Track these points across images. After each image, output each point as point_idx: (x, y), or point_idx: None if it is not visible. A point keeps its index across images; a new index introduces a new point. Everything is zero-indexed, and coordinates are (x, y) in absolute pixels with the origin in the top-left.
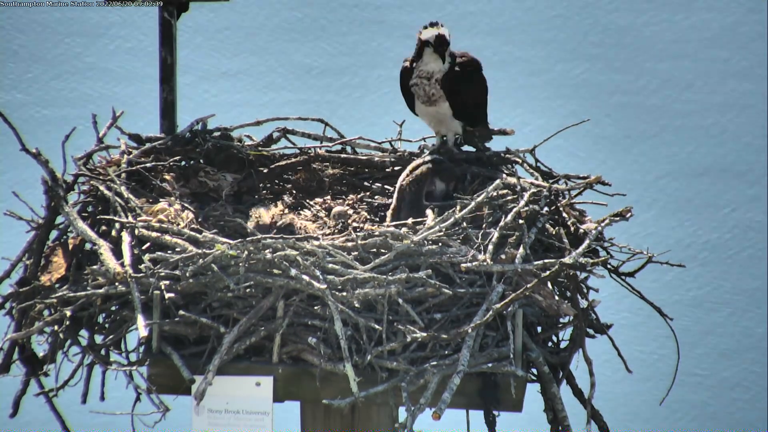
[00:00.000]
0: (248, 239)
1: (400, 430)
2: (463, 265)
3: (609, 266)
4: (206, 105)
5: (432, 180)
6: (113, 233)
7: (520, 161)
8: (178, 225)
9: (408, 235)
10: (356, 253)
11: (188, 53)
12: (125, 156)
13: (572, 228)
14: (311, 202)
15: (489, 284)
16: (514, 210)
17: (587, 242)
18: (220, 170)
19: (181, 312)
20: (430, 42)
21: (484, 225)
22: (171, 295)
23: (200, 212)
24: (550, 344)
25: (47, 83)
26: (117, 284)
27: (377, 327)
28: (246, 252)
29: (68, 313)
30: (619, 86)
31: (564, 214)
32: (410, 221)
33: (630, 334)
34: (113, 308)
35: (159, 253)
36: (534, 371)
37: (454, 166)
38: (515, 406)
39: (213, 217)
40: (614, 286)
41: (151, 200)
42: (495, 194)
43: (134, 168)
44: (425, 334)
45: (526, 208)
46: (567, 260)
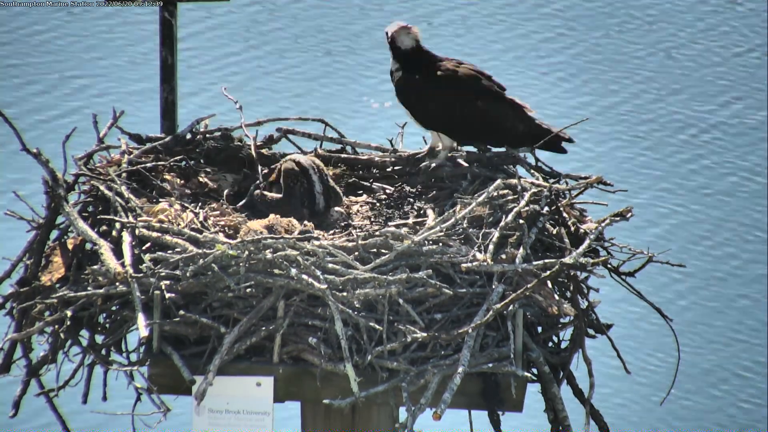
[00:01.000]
0: (248, 239)
1: (401, 430)
2: (464, 265)
3: (609, 266)
4: (206, 105)
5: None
6: (114, 233)
7: (521, 161)
8: (179, 225)
9: (408, 235)
10: (357, 253)
11: (189, 53)
12: (126, 156)
13: (572, 228)
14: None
15: (489, 284)
16: (515, 210)
17: (587, 242)
18: (220, 170)
19: (182, 312)
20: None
21: (485, 225)
22: (171, 295)
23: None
24: (551, 344)
25: (47, 83)
26: (117, 284)
27: (378, 327)
28: (246, 252)
29: (69, 313)
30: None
31: (564, 214)
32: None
33: (630, 334)
34: (114, 308)
35: (159, 253)
36: (534, 371)
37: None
38: (515, 406)
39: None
40: (614, 286)
41: (152, 200)
42: (495, 194)
43: (135, 168)
44: (425, 334)
45: (527, 208)
46: (567, 260)
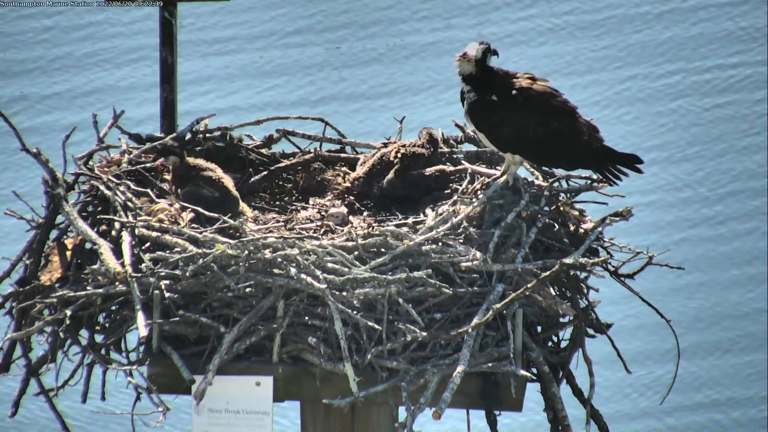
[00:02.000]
0: (248, 239)
1: (400, 430)
2: (464, 265)
3: (609, 267)
4: (206, 104)
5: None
6: (113, 233)
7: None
8: (178, 225)
9: (408, 235)
10: (356, 253)
11: (189, 52)
12: (126, 156)
13: (572, 228)
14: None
15: (489, 284)
16: (515, 210)
17: (587, 242)
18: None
19: (181, 312)
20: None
21: (485, 225)
22: (171, 295)
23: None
24: (550, 344)
25: (47, 83)
26: (117, 284)
27: (377, 327)
28: (246, 252)
29: (68, 313)
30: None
31: (564, 214)
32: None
33: (630, 334)
34: (113, 308)
35: (159, 253)
36: (534, 371)
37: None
38: (515, 406)
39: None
40: (614, 286)
41: (151, 200)
42: (495, 194)
43: (135, 168)
44: (425, 334)
45: (527, 208)
46: (567, 260)
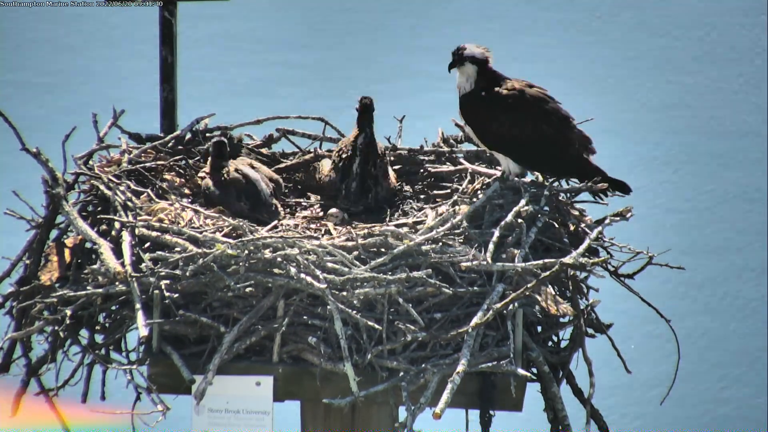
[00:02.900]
0: (248, 239)
1: (400, 430)
2: (464, 265)
3: (609, 267)
4: (206, 104)
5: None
6: (113, 233)
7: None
8: (178, 225)
9: (408, 235)
10: (356, 253)
11: (189, 52)
12: (126, 155)
13: (572, 228)
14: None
15: (489, 284)
16: (514, 210)
17: (587, 242)
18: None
19: (181, 311)
20: (476, 57)
21: (484, 225)
22: (171, 295)
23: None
24: (551, 344)
25: (47, 82)
26: (117, 284)
27: (377, 326)
28: (246, 251)
29: (68, 313)
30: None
31: (564, 214)
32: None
33: (630, 334)
34: (113, 308)
35: (159, 253)
36: (534, 371)
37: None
38: (515, 406)
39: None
40: (614, 286)
41: (152, 200)
42: (495, 194)
43: (135, 167)
44: (425, 334)
45: (526, 208)
46: (567, 260)
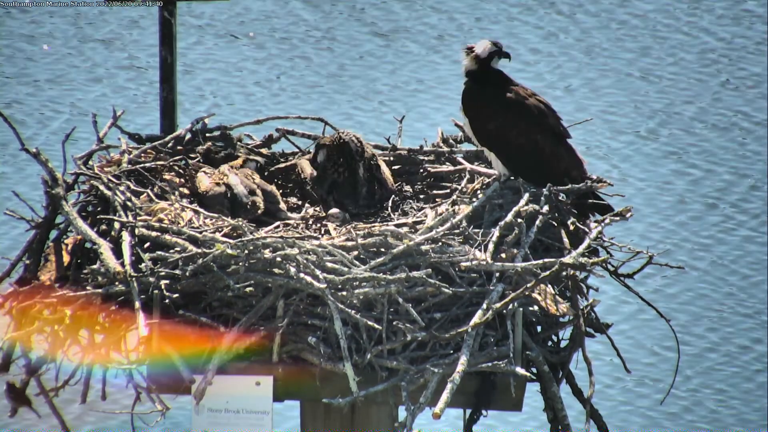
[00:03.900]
0: (248, 239)
1: (400, 430)
2: (463, 264)
3: (609, 267)
4: (206, 104)
5: None
6: (113, 233)
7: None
8: (178, 225)
9: (408, 235)
10: (356, 253)
11: (189, 52)
12: (125, 155)
13: (572, 227)
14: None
15: (489, 283)
16: (514, 209)
17: (587, 242)
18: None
19: (181, 311)
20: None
21: (484, 225)
22: (171, 295)
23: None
24: (550, 343)
25: (47, 82)
26: (117, 283)
27: (377, 326)
28: (246, 251)
29: (68, 312)
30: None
31: (564, 214)
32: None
33: (629, 334)
34: (113, 307)
35: (159, 253)
36: (534, 370)
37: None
38: (515, 406)
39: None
40: (614, 286)
41: (151, 200)
42: (495, 193)
43: (134, 167)
44: (425, 334)
45: (526, 208)
46: (567, 260)
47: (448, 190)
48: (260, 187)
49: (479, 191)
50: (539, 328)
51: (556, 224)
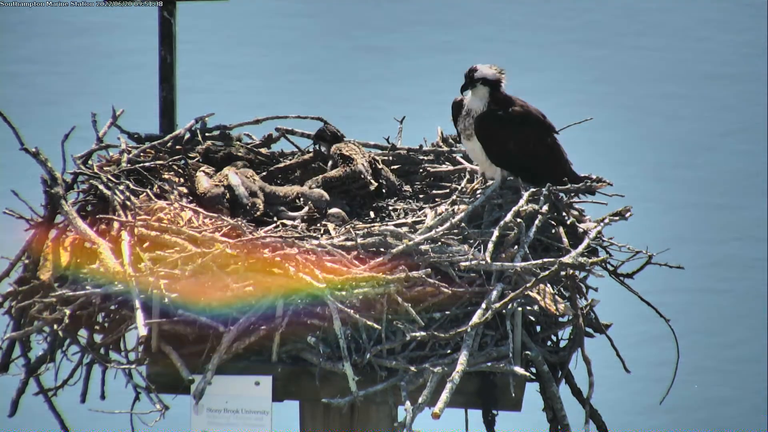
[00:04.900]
0: (247, 238)
1: (400, 430)
2: (463, 264)
3: (608, 266)
4: (206, 104)
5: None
6: (112, 232)
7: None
8: (177, 224)
9: (407, 235)
10: (356, 252)
11: (188, 52)
12: (125, 155)
13: (572, 227)
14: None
15: (488, 283)
16: (514, 209)
17: (587, 242)
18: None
19: (181, 311)
20: (487, 79)
21: (484, 225)
22: (170, 294)
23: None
24: (550, 343)
25: (47, 82)
26: (116, 283)
27: (376, 326)
28: (245, 251)
29: (67, 312)
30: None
31: (563, 214)
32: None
33: (629, 334)
34: (112, 307)
35: (158, 252)
36: (533, 370)
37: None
38: (514, 406)
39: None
40: (614, 286)
41: (151, 199)
42: (494, 193)
43: (134, 167)
44: (424, 333)
45: (525, 208)
46: (566, 260)
47: (448, 190)
48: (262, 189)
49: (478, 191)
50: (539, 328)
51: (556, 224)
